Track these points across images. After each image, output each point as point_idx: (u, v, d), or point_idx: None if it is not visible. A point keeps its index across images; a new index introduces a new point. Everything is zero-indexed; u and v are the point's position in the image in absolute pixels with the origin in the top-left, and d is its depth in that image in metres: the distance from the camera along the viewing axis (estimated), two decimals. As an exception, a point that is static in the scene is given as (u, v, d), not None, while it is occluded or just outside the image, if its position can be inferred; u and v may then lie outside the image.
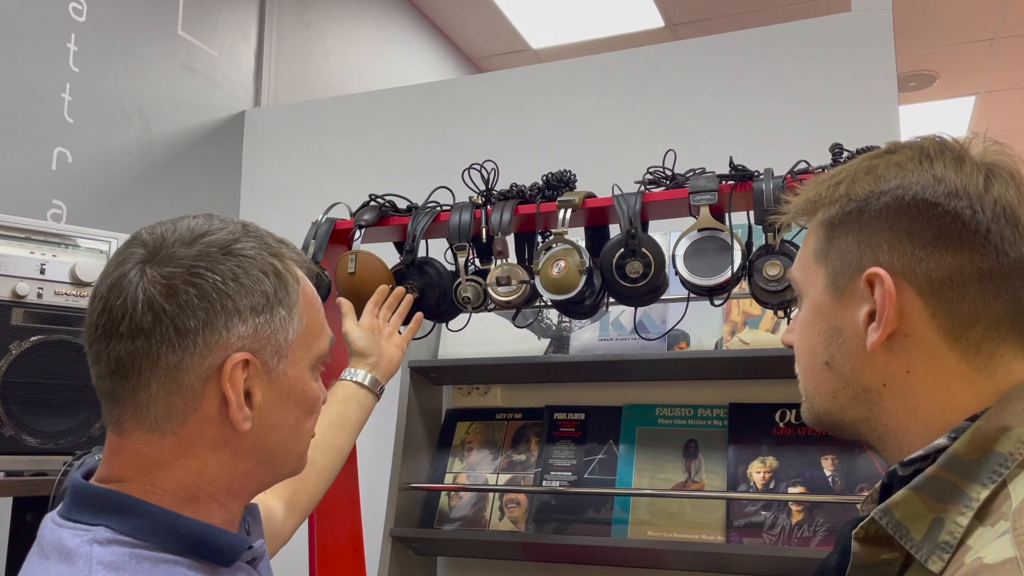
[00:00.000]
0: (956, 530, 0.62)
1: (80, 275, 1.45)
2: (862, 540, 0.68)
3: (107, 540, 0.70)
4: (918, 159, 0.70)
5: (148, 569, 0.69)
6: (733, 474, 1.74)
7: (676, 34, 3.97)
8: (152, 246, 0.74)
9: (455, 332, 1.64)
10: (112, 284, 0.74)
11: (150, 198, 2.42)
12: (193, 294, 0.72)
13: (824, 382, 0.74)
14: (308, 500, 1.21)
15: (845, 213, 0.71)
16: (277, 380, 0.76)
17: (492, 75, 2.77)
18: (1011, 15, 3.81)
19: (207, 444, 0.74)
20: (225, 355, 0.72)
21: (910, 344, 0.68)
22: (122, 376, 0.72)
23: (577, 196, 1.45)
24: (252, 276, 0.75)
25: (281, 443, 0.79)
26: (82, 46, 2.24)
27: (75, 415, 1.42)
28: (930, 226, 0.67)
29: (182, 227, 0.76)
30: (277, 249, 0.79)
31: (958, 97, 4.66)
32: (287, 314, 0.77)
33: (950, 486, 0.63)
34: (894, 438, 0.71)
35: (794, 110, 2.08)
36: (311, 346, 0.80)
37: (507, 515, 1.89)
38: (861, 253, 0.70)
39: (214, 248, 0.74)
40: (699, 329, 1.85)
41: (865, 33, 2.03)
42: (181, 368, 0.72)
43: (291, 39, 2.98)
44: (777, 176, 1.35)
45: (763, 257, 1.33)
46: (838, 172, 0.74)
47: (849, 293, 0.71)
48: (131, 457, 0.74)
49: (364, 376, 1.34)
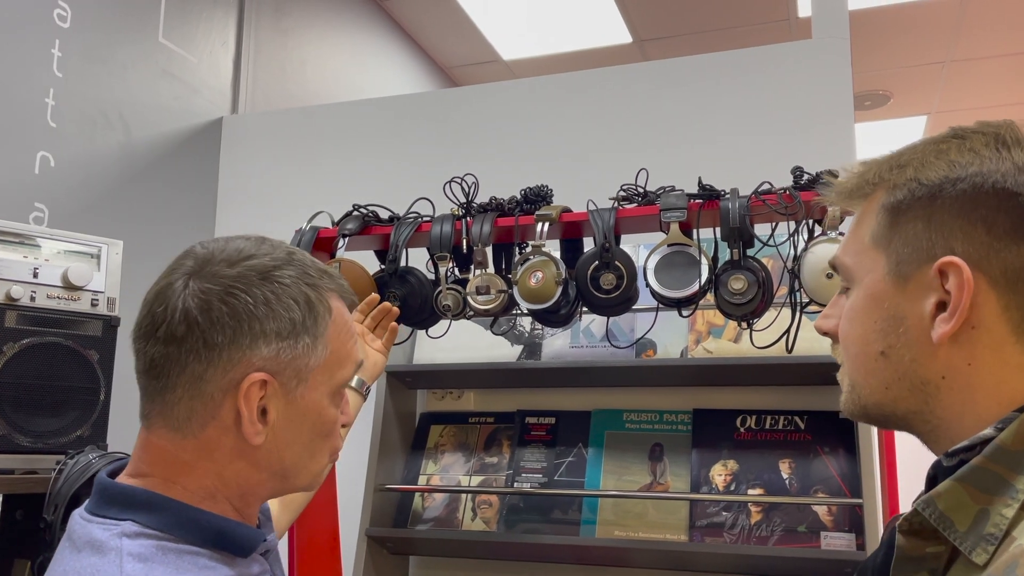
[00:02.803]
0: (1001, 522, 0.60)
1: (72, 279, 1.48)
2: (906, 533, 0.65)
3: (135, 533, 0.75)
4: (994, 145, 0.67)
5: (174, 560, 0.74)
6: (696, 476, 1.82)
7: (643, 50, 4.08)
8: (201, 260, 0.80)
9: (431, 338, 1.70)
10: (159, 290, 0.80)
11: (130, 202, 2.44)
12: (225, 312, 0.77)
13: (877, 373, 0.70)
14: (302, 498, 1.27)
15: (915, 198, 0.68)
16: (294, 402, 0.80)
17: (469, 89, 2.84)
18: (961, 40, 3.98)
19: (225, 451, 0.79)
20: (246, 372, 0.77)
21: (976, 336, 0.65)
22: (153, 375, 0.79)
23: (554, 210, 1.53)
24: (283, 303, 0.79)
25: (294, 460, 0.83)
26: (66, 52, 2.27)
27: (65, 415, 1.46)
28: (1009, 216, 0.64)
29: (232, 247, 0.81)
30: (316, 280, 0.83)
31: (911, 116, 4.84)
32: (311, 342, 0.80)
33: (996, 477, 0.61)
34: (947, 431, 0.68)
35: (758, 130, 2.18)
36: (334, 373, 0.84)
37: (479, 515, 1.95)
38: (932, 241, 0.66)
39: (253, 272, 0.79)
40: (666, 338, 1.93)
41: (824, 59, 2.14)
42: (205, 378, 0.77)
43: (268, 46, 3.03)
44: (742, 196, 1.44)
45: (728, 271, 1.41)
46: (899, 155, 0.71)
47: (915, 282, 0.67)
48: (156, 453, 0.80)
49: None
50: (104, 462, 1.32)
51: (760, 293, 1.40)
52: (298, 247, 1.61)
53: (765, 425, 1.85)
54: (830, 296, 1.36)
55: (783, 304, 1.43)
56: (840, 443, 1.76)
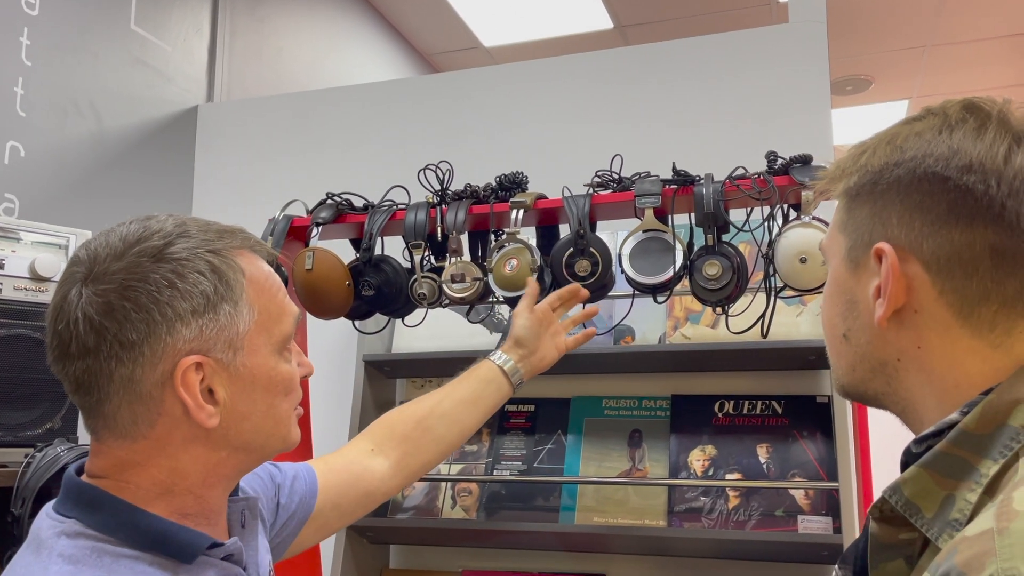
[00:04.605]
0: (966, 507, 0.59)
1: (39, 270, 1.46)
2: (879, 520, 0.65)
3: (75, 533, 0.73)
4: (939, 128, 0.66)
5: (108, 564, 0.71)
6: (675, 462, 1.82)
7: (625, 35, 4.06)
8: (87, 263, 0.75)
9: (408, 327, 1.69)
10: (55, 308, 0.76)
11: (103, 192, 2.41)
12: (129, 308, 0.72)
13: (844, 355, 0.72)
14: (419, 466, 1.23)
15: (862, 184, 0.69)
16: (237, 373, 0.77)
17: (445, 76, 2.82)
18: (942, 25, 3.99)
19: (178, 442, 0.76)
20: (175, 360, 0.73)
21: (920, 320, 0.65)
22: (84, 393, 0.75)
23: (529, 197, 1.52)
24: (188, 279, 0.74)
25: (255, 430, 0.80)
26: (35, 40, 2.23)
27: (35, 408, 1.44)
28: (941, 201, 0.64)
29: (114, 238, 0.76)
30: (215, 243, 0.78)
31: (892, 101, 4.85)
32: (232, 308, 0.76)
33: (961, 462, 0.60)
34: (914, 412, 0.69)
35: (734, 116, 2.17)
36: (271, 331, 0.80)
37: (459, 504, 1.95)
38: (873, 226, 0.68)
39: (145, 257, 0.74)
40: (643, 324, 1.93)
41: (801, 43, 2.13)
42: (135, 379, 0.73)
43: (244, 34, 2.99)
44: (716, 181, 1.43)
45: (703, 257, 1.41)
46: (866, 140, 0.71)
47: (863, 266, 0.69)
48: (108, 458, 0.77)
49: (509, 365, 1.33)
50: (73, 455, 1.31)
51: (735, 278, 1.40)
52: (270, 235, 1.63)
53: (743, 410, 1.85)
54: (804, 281, 1.37)
55: (757, 289, 1.43)
56: (817, 427, 1.77)
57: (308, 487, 1.07)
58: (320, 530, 1.10)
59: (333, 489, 1.10)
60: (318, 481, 1.09)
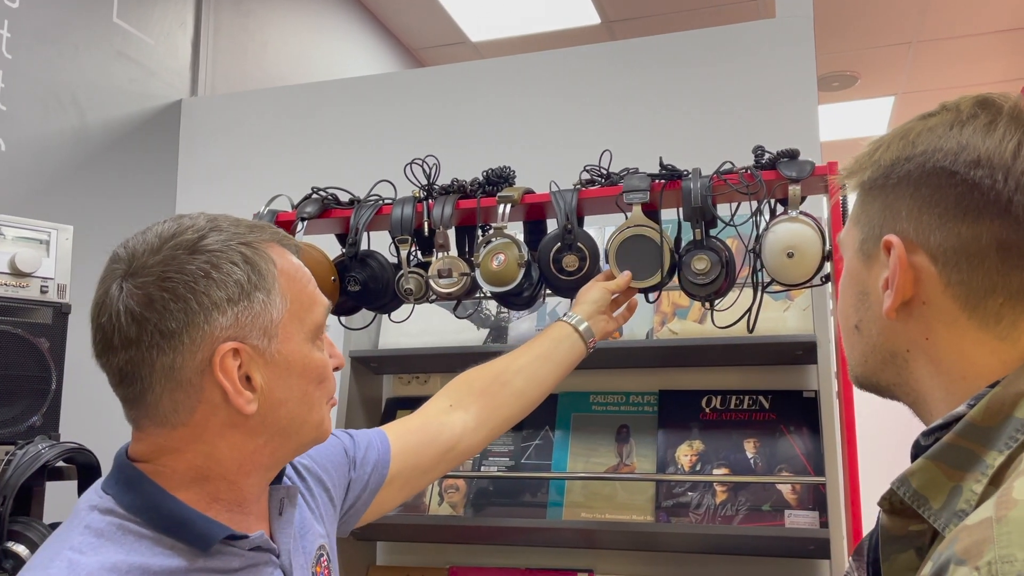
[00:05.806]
0: (972, 498, 0.60)
1: (20, 266, 1.45)
2: (888, 512, 0.66)
3: (106, 509, 0.77)
4: (950, 123, 0.67)
5: (131, 542, 0.75)
6: (662, 457, 1.82)
7: (612, 31, 4.06)
8: (127, 260, 0.79)
9: (395, 323, 1.68)
10: (97, 304, 0.79)
11: (85, 187, 2.39)
12: (168, 298, 0.76)
13: (856, 346, 0.74)
14: (501, 420, 1.27)
15: (875, 178, 0.71)
16: (273, 360, 0.80)
17: (432, 70, 2.81)
18: (928, 21, 4.00)
19: (216, 429, 0.79)
20: (213, 347, 0.77)
21: (927, 311, 0.67)
22: (127, 384, 0.79)
23: (516, 192, 1.51)
24: (222, 269, 0.78)
25: (291, 416, 0.83)
26: (15, 33, 2.20)
27: (15, 405, 1.42)
28: (949, 195, 0.65)
29: (151, 235, 0.80)
30: (247, 236, 0.82)
31: (878, 97, 4.87)
32: (265, 297, 0.80)
33: (967, 453, 0.61)
34: (923, 404, 0.70)
35: (721, 111, 2.17)
36: (303, 319, 0.84)
37: (446, 500, 1.95)
38: (883, 219, 0.69)
39: (180, 250, 0.78)
40: (632, 319, 1.92)
41: (788, 39, 2.13)
42: (176, 367, 0.77)
43: (228, 28, 2.96)
44: (704, 176, 1.43)
45: (691, 252, 1.41)
46: (883, 136, 0.73)
47: (874, 258, 0.70)
48: (148, 444, 0.80)
49: (580, 322, 1.37)
50: (54, 452, 1.29)
51: (723, 273, 1.39)
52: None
53: (730, 405, 1.85)
54: (790, 276, 1.37)
55: (745, 284, 1.43)
56: (804, 422, 1.77)
57: (381, 455, 1.11)
58: (403, 488, 1.15)
59: (411, 450, 1.15)
60: (391, 446, 1.13)
